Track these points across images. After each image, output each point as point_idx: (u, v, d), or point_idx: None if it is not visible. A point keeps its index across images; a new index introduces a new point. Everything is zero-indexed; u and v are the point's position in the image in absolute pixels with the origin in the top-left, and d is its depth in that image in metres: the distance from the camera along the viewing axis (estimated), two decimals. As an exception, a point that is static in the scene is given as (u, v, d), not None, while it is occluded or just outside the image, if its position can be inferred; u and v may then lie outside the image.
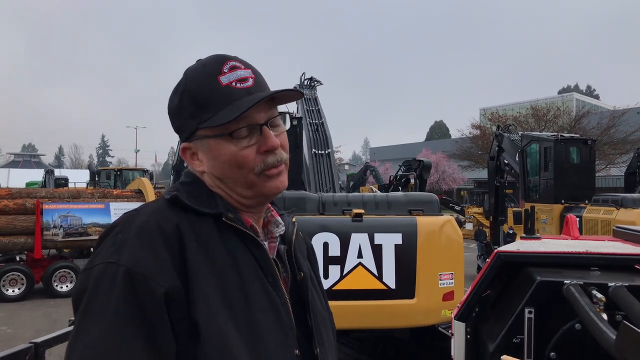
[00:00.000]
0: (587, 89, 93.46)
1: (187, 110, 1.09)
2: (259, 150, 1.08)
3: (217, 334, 0.95)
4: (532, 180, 13.75)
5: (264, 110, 1.09)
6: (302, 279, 1.18)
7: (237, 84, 1.07)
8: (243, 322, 0.99)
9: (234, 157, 1.07)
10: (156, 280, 0.93)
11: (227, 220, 1.06)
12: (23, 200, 11.56)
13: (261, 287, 1.06)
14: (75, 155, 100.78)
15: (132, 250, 0.95)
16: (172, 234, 0.99)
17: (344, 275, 5.47)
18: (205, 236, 1.03)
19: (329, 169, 9.40)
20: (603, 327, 1.40)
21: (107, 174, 25.38)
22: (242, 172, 1.08)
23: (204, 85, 1.07)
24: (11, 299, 11.30)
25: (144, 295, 0.91)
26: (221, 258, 1.03)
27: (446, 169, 43.86)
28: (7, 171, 51.67)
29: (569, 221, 2.82)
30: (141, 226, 0.99)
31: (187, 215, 1.04)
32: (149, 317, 0.91)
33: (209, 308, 0.96)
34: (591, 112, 35.10)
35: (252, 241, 1.09)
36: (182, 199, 1.05)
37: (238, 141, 1.07)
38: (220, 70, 1.07)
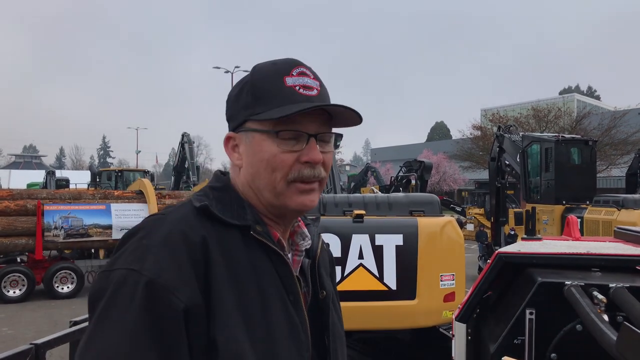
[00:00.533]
0: (588, 90, 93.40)
1: (244, 100, 1.08)
2: (299, 159, 1.04)
3: (234, 352, 0.93)
4: (533, 181, 13.74)
5: (317, 123, 1.06)
6: (324, 298, 1.15)
7: (301, 89, 1.05)
8: (260, 341, 0.97)
9: (273, 158, 1.04)
10: (177, 295, 0.90)
11: (255, 234, 1.04)
12: (24, 201, 11.57)
13: (282, 305, 1.03)
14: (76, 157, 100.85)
15: (156, 260, 0.92)
16: (198, 246, 0.96)
17: (345, 276, 5.47)
18: (232, 249, 1.00)
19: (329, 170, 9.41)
20: (604, 328, 1.40)
21: (108, 175, 25.41)
22: (274, 176, 1.04)
23: (268, 81, 1.06)
24: (12, 300, 11.31)
25: (164, 309, 0.89)
26: (245, 273, 1.00)
27: (447, 169, 43.87)
28: (8, 172, 51.71)
29: (570, 222, 2.82)
30: (167, 235, 0.96)
31: (215, 226, 1.01)
32: (167, 331, 0.89)
33: (228, 326, 0.94)
34: (592, 113, 35.09)
35: (278, 257, 1.05)
36: (212, 209, 1.02)
37: (282, 143, 1.04)
38: (289, 72, 1.06)
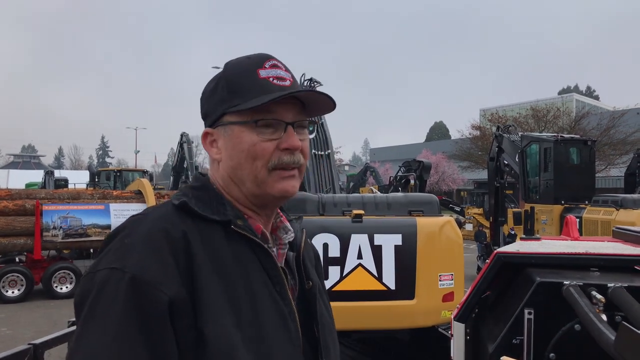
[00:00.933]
0: (587, 90, 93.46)
1: (220, 95, 1.10)
2: (279, 146, 1.08)
3: (224, 344, 0.94)
4: (532, 181, 13.75)
5: (293, 112, 1.10)
6: (310, 288, 1.17)
7: (275, 80, 1.09)
8: (250, 332, 0.99)
9: (253, 147, 1.07)
10: (161, 289, 0.91)
11: (236, 228, 1.06)
12: (23, 201, 11.56)
13: (269, 296, 1.05)
14: (75, 156, 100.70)
15: (139, 257, 0.94)
16: (179, 242, 0.97)
17: (344, 276, 5.47)
18: (214, 244, 1.02)
19: (328, 170, 9.39)
20: (602, 328, 1.40)
21: (107, 175, 25.39)
22: (256, 165, 1.07)
23: (242, 74, 1.09)
24: (11, 300, 11.30)
25: (148, 304, 0.90)
26: (229, 266, 1.02)
27: (446, 169, 43.89)
28: (7, 172, 51.63)
29: (568, 222, 2.82)
30: (148, 232, 0.98)
31: (195, 222, 1.03)
32: (153, 326, 0.90)
33: (216, 317, 0.95)
34: (591, 113, 35.13)
35: (261, 249, 1.08)
36: (190, 205, 1.04)
37: (261, 132, 1.07)
38: (262, 65, 1.10)
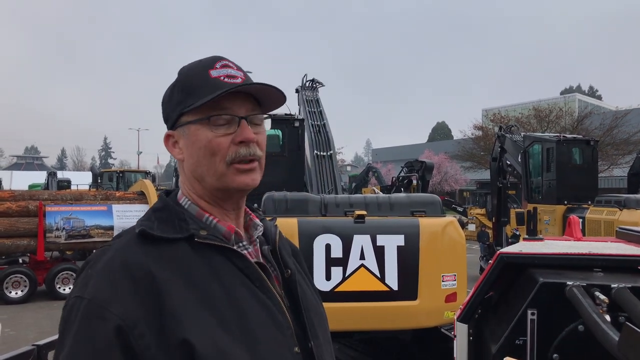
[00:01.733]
0: (589, 90, 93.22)
1: (176, 98, 1.15)
2: (234, 141, 1.12)
3: (212, 346, 0.98)
4: (535, 181, 13.74)
5: (245, 106, 1.15)
6: (290, 276, 1.21)
7: (226, 79, 1.13)
8: (237, 331, 1.02)
9: (209, 143, 1.11)
10: (110, 309, 0.97)
11: (200, 239, 1.10)
12: (26, 202, 11.59)
13: (249, 293, 1.08)
14: (78, 158, 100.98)
15: (95, 284, 1.01)
16: (137, 267, 1.02)
17: (347, 277, 5.47)
18: (180, 261, 1.06)
19: (331, 171, 9.40)
20: (605, 329, 1.40)
21: (110, 176, 25.44)
22: (214, 160, 1.12)
23: (195, 76, 1.14)
24: (14, 301, 11.32)
25: (97, 324, 0.96)
26: (200, 277, 1.05)
27: (448, 170, 43.84)
28: (10, 173, 51.82)
29: (571, 222, 2.82)
30: (107, 262, 1.04)
31: (158, 245, 1.07)
32: (101, 346, 0.95)
33: (197, 325, 0.99)
34: (594, 113, 35.03)
35: (230, 251, 1.11)
36: (149, 231, 1.08)
37: (216, 128, 1.11)
38: (212, 65, 1.15)
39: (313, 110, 10.94)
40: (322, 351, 1.17)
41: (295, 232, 5.39)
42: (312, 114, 10.80)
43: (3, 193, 12.22)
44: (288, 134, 9.64)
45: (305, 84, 12.37)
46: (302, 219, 5.59)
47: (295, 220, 5.49)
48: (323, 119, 10.68)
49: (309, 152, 9.85)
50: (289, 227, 5.38)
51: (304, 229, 5.48)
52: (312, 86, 12.25)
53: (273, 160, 9.40)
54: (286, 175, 9.32)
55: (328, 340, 1.25)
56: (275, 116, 9.58)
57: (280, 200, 5.88)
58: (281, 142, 9.73)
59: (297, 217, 5.61)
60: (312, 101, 11.36)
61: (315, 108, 11.08)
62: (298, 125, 9.68)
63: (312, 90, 12.03)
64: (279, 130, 9.70)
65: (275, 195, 5.98)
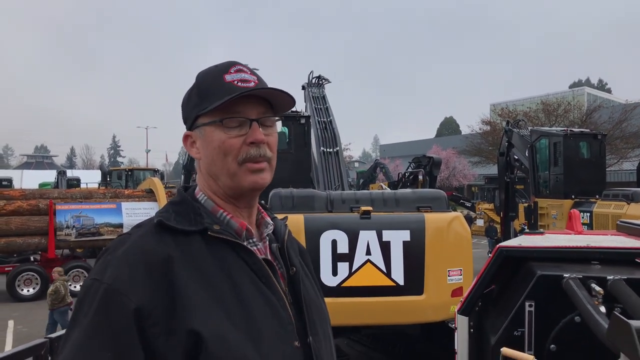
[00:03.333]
0: (599, 83, 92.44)
1: (193, 101, 1.23)
2: (245, 142, 1.18)
3: (219, 336, 1.04)
4: (542, 176, 13.70)
5: (257, 109, 1.21)
6: (294, 274, 1.27)
7: (239, 83, 1.19)
8: (241, 323, 1.08)
9: (222, 144, 1.18)
10: (128, 297, 1.02)
11: (213, 233, 1.15)
12: (36, 201, 11.72)
13: (255, 288, 1.14)
14: (87, 156, 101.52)
15: (114, 270, 1.06)
16: (155, 256, 1.08)
17: (353, 272, 5.52)
18: (193, 252, 1.12)
19: (337, 167, 9.43)
20: (598, 318, 1.44)
21: (119, 174, 25.64)
22: (227, 160, 1.18)
23: (210, 81, 1.21)
24: (26, 298, 11.48)
25: (115, 310, 1.01)
26: (211, 269, 1.12)
27: (456, 165, 43.65)
28: (21, 172, 52.18)
29: (572, 216, 2.85)
30: (127, 249, 1.10)
31: (173, 236, 1.13)
32: (118, 332, 1.00)
33: (206, 316, 1.05)
34: (602, 106, 34.74)
35: (240, 247, 1.17)
36: (166, 222, 1.14)
37: (228, 130, 1.18)
38: (227, 70, 1.21)
39: (319, 107, 10.97)
40: (321, 346, 1.23)
41: (302, 228, 5.45)
42: (319, 110, 10.83)
43: (14, 192, 12.35)
44: (294, 131, 9.68)
45: (312, 80, 12.40)
46: (309, 215, 5.64)
47: (301, 217, 5.54)
48: (329, 115, 10.71)
49: (315, 149, 9.89)
50: (296, 223, 5.43)
51: (311, 225, 5.53)
52: (319, 83, 12.27)
53: (280, 157, 9.29)
54: (293, 172, 9.36)
55: (328, 336, 1.30)
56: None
57: (286, 197, 5.93)
58: (288, 139, 9.77)
59: (304, 213, 5.66)
60: (319, 98, 11.39)
61: (322, 105, 11.10)
62: (304, 122, 9.71)
63: (318, 87, 12.05)
64: (285, 128, 9.74)
65: (281, 192, 6.03)
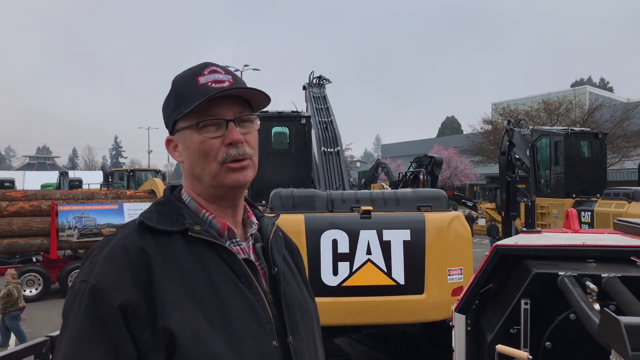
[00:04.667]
0: (600, 82, 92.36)
1: (171, 106, 1.24)
2: (223, 142, 1.19)
3: (193, 336, 1.06)
4: (543, 175, 13.70)
5: (233, 109, 1.22)
6: (276, 273, 1.27)
7: (213, 84, 1.19)
8: (218, 322, 1.10)
9: (201, 146, 1.19)
10: (113, 295, 1.06)
11: (194, 234, 1.18)
12: (39, 202, 11.76)
13: (234, 288, 1.16)
14: (89, 157, 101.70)
15: (99, 270, 1.09)
16: (136, 255, 1.11)
17: (353, 271, 5.53)
18: (173, 252, 1.15)
19: (338, 167, 9.44)
20: (590, 314, 1.46)
21: (120, 175, 25.64)
22: (207, 160, 1.20)
23: (185, 85, 1.22)
24: (29, 299, 11.48)
25: (103, 307, 1.05)
26: (190, 269, 1.14)
27: (458, 164, 43.63)
28: (23, 173, 52.23)
29: (569, 215, 2.86)
30: (110, 249, 1.13)
31: (156, 236, 1.16)
32: (108, 326, 1.04)
33: (181, 315, 1.08)
34: (604, 105, 34.72)
35: (220, 247, 1.19)
36: (147, 223, 1.17)
37: (206, 131, 1.19)
38: (201, 72, 1.22)
39: (320, 107, 10.98)
40: (302, 345, 1.23)
41: (302, 228, 5.46)
42: (319, 110, 10.84)
43: (16, 193, 12.39)
44: (295, 131, 9.69)
45: (312, 81, 12.41)
46: (309, 214, 5.66)
47: (302, 216, 5.56)
48: (330, 115, 10.72)
49: (316, 149, 9.90)
50: (296, 223, 5.45)
51: (311, 224, 5.54)
52: (319, 83, 12.28)
53: (280, 157, 9.46)
54: (294, 172, 9.38)
55: (312, 335, 1.30)
56: (282, 113, 9.63)
57: (287, 197, 5.94)
58: (288, 139, 9.78)
59: (304, 213, 5.67)
60: (319, 98, 11.40)
61: (322, 105, 11.12)
62: (305, 123, 9.73)
63: (319, 87, 12.06)
64: (286, 128, 9.76)
65: (282, 191, 6.05)
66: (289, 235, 1.49)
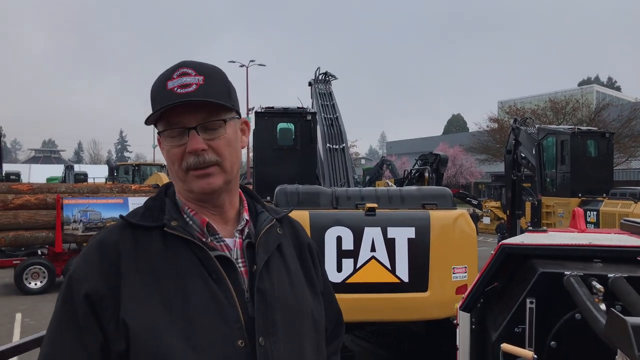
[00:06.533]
0: (608, 81, 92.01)
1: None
2: (186, 150, 1.19)
3: (148, 329, 1.09)
4: (549, 174, 13.66)
5: (197, 116, 1.19)
6: (254, 271, 1.24)
7: (179, 89, 1.17)
8: (179, 318, 1.11)
9: (167, 153, 1.22)
10: (83, 284, 1.12)
11: (169, 230, 1.20)
12: (44, 195, 11.80)
13: (203, 284, 1.16)
14: (94, 151, 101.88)
15: (79, 262, 1.18)
16: (109, 249, 1.16)
17: (357, 268, 5.53)
18: (147, 247, 1.18)
19: (343, 164, 9.44)
20: (596, 315, 1.45)
21: (126, 169, 25.75)
22: (175, 168, 1.22)
23: (156, 89, 1.21)
24: (34, 291, 11.57)
25: (73, 296, 1.13)
26: (161, 264, 1.16)
27: (463, 162, 43.57)
28: (28, 166, 52.42)
29: (576, 214, 2.85)
30: (92, 243, 1.20)
31: (135, 232, 1.20)
32: (76, 313, 1.11)
33: (140, 309, 1.10)
34: (612, 104, 34.56)
35: (193, 244, 1.20)
36: (127, 219, 1.22)
37: (170, 140, 1.21)
38: (171, 76, 1.19)
39: (325, 104, 10.97)
40: (278, 348, 1.19)
41: (307, 225, 5.47)
42: (325, 107, 10.83)
43: (22, 186, 12.43)
44: (300, 128, 9.69)
45: (318, 77, 12.39)
46: (314, 211, 5.66)
47: (306, 213, 5.56)
48: (335, 112, 10.70)
49: (321, 146, 9.90)
50: (301, 219, 5.43)
51: (316, 221, 5.55)
52: (325, 79, 12.26)
53: (285, 153, 9.46)
54: (299, 168, 9.38)
55: (296, 337, 1.25)
56: (287, 110, 9.63)
57: (292, 193, 5.95)
58: (294, 135, 9.78)
59: (309, 209, 5.68)
60: (325, 94, 11.39)
61: (328, 101, 11.10)
62: (310, 119, 9.72)
63: (324, 83, 12.05)
64: (291, 124, 9.76)
65: (287, 188, 6.05)
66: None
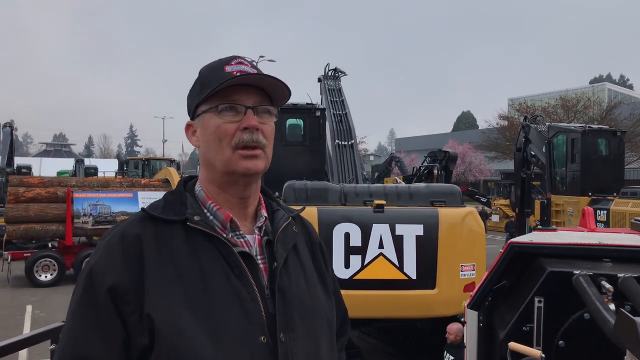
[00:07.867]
0: (620, 79, 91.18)
1: (195, 91, 1.28)
2: (239, 127, 1.22)
3: (172, 323, 1.09)
4: (559, 172, 13.57)
5: (253, 98, 1.24)
6: (275, 268, 1.25)
7: (237, 73, 1.22)
8: (202, 313, 1.12)
9: (217, 129, 1.22)
10: (105, 276, 1.12)
11: (192, 224, 1.20)
12: (55, 188, 11.90)
13: (225, 280, 1.17)
14: (105, 145, 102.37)
15: (99, 254, 1.17)
16: (131, 242, 1.16)
17: (365, 265, 5.54)
18: (169, 241, 1.18)
19: (352, 160, 9.43)
20: (605, 314, 1.44)
21: (135, 163, 25.87)
22: (221, 145, 1.22)
23: (212, 71, 1.26)
24: (44, 284, 11.69)
25: (95, 288, 1.12)
26: (183, 259, 1.16)
27: (473, 160, 43.32)
28: (39, 160, 52.74)
29: (585, 213, 2.83)
30: (111, 236, 1.19)
31: (157, 225, 1.20)
32: (97, 306, 1.11)
33: (163, 302, 1.10)
34: (623, 103, 34.24)
35: (216, 239, 1.20)
36: (149, 212, 1.22)
37: (224, 115, 1.22)
38: (228, 62, 1.25)
39: (335, 100, 10.96)
40: (297, 344, 1.20)
41: (315, 221, 5.48)
42: (334, 103, 10.82)
43: (33, 179, 12.53)
44: (309, 124, 9.69)
45: (328, 73, 12.37)
46: (322, 207, 5.67)
47: (315, 209, 5.57)
48: (345, 108, 10.69)
49: (330, 142, 9.89)
50: (309, 215, 5.46)
51: (324, 217, 5.56)
52: (335, 75, 12.24)
53: (294, 149, 9.47)
54: (307, 164, 9.38)
55: (315, 335, 1.26)
56: (297, 105, 9.63)
57: (300, 189, 5.96)
58: (302, 131, 9.78)
59: (317, 205, 5.69)
60: (334, 90, 11.37)
61: (337, 97, 11.09)
62: (319, 115, 9.72)
63: (334, 79, 12.03)
64: (300, 120, 9.76)
65: (295, 184, 6.06)
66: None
